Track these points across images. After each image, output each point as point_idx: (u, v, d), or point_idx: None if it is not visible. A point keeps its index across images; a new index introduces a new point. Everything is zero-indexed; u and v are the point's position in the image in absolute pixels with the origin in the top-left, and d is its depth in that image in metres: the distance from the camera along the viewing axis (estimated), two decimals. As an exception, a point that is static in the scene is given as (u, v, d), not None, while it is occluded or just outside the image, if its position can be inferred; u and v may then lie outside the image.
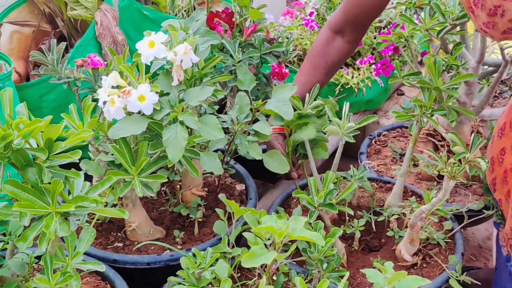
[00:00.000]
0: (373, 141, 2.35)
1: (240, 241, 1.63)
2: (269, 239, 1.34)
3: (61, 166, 1.18)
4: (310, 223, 1.43)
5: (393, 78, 1.90)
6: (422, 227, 1.69)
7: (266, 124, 1.70)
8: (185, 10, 2.63)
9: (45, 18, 2.47)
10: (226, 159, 1.83)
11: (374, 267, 1.60)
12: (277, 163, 1.73)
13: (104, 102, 1.39)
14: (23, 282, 1.36)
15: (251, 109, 1.70)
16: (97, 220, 1.67)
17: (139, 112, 1.39)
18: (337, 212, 1.54)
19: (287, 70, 2.07)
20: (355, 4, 1.80)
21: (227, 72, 1.95)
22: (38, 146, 1.17)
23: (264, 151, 1.71)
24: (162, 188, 1.87)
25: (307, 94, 1.77)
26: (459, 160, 1.41)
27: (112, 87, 1.42)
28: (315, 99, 1.75)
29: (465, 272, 1.60)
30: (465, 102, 2.04)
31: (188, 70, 1.50)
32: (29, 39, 2.44)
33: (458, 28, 1.89)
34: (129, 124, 1.37)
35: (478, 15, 1.33)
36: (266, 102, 1.66)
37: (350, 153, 2.43)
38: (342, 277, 1.35)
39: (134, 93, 1.36)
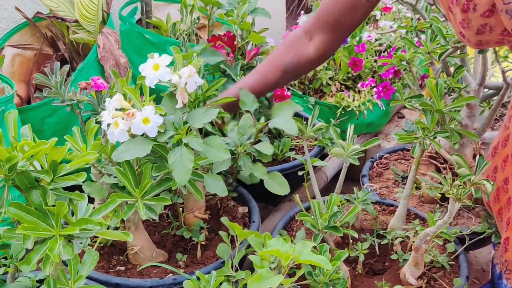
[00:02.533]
0: (374, 163, 2.34)
1: (243, 265, 1.62)
2: (273, 262, 1.33)
3: (64, 188, 1.18)
4: (315, 247, 1.42)
5: (395, 100, 1.91)
6: (426, 250, 1.68)
7: (268, 144, 1.70)
8: (186, 34, 2.64)
9: (47, 42, 2.48)
10: (229, 181, 1.82)
11: (379, 291, 1.59)
12: (277, 185, 1.73)
13: (108, 125, 1.39)
14: (25, 306, 1.35)
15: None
16: (99, 243, 1.66)
17: (143, 135, 1.39)
18: (342, 235, 1.53)
19: (289, 93, 2.08)
20: (328, 1, 1.71)
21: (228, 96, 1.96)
22: (42, 168, 1.16)
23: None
24: (164, 211, 1.86)
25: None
26: (464, 183, 1.41)
27: (116, 109, 1.42)
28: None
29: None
30: (467, 124, 2.05)
31: (192, 92, 1.50)
32: (31, 62, 2.45)
33: (458, 52, 1.91)
34: (133, 147, 1.36)
35: (455, 13, 1.33)
36: (269, 123, 1.66)
37: (352, 176, 2.42)
38: (347, 300, 1.34)
39: (139, 116, 1.36)
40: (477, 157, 1.44)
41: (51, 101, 1.98)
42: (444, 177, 1.42)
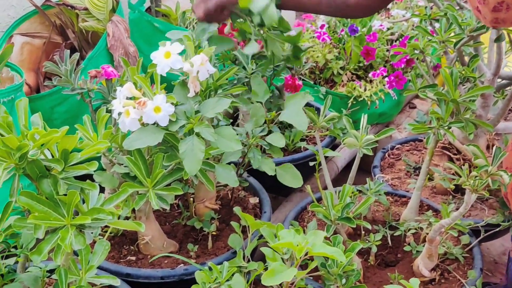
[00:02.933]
0: (386, 154, 2.32)
1: (254, 255, 1.61)
2: (286, 253, 1.32)
3: (75, 177, 1.16)
4: (328, 238, 1.40)
5: (408, 90, 1.88)
6: (440, 242, 1.66)
7: (279, 136, 1.68)
8: (196, 22, 2.62)
9: (56, 30, 2.46)
10: (240, 172, 1.80)
11: (391, 283, 1.57)
12: (290, 177, 1.71)
13: (119, 113, 1.37)
14: (35, 296, 1.34)
15: (265, 121, 1.68)
16: (110, 233, 1.64)
17: (154, 124, 1.37)
18: (355, 226, 1.50)
19: (300, 82, 2.05)
20: None
21: (240, 84, 1.93)
22: (53, 157, 1.15)
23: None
24: (174, 201, 1.85)
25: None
26: (481, 173, 1.38)
27: (127, 98, 1.40)
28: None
29: (486, 287, 1.56)
30: (481, 115, 2.02)
31: (203, 81, 1.48)
32: (40, 51, 2.43)
33: (472, 41, 1.88)
34: (145, 135, 1.34)
35: None
36: (280, 113, 1.64)
37: (363, 166, 2.39)
38: (362, 292, 1.32)
39: (150, 104, 1.34)
40: (494, 147, 1.42)
41: (60, 90, 1.97)
42: (461, 167, 1.40)
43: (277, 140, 1.66)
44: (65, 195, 1.09)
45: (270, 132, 1.74)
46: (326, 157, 1.84)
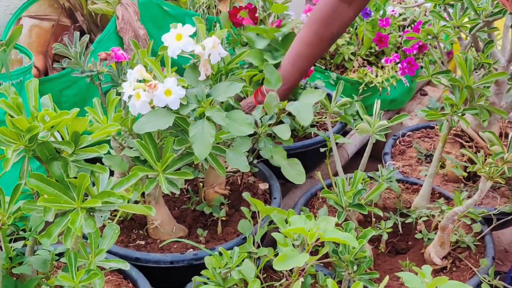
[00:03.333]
0: (397, 141, 2.29)
1: (264, 241, 1.59)
2: (296, 239, 1.30)
3: (85, 161, 1.15)
4: (339, 224, 1.39)
5: (421, 76, 1.85)
6: (452, 230, 1.64)
7: (286, 128, 1.66)
8: (205, 6, 2.59)
9: (64, 12, 2.44)
10: (249, 159, 1.79)
11: (402, 270, 1.56)
12: (294, 173, 1.70)
13: (129, 96, 1.36)
14: (44, 279, 1.33)
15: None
16: (119, 217, 1.63)
17: (165, 107, 1.36)
18: (366, 213, 1.49)
19: (312, 68, 2.02)
20: None
21: (251, 69, 1.91)
22: (63, 139, 1.13)
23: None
24: (184, 186, 1.83)
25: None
26: (496, 161, 1.36)
27: (138, 81, 1.39)
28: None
29: (498, 276, 1.54)
30: (495, 102, 1.99)
31: (214, 65, 1.46)
32: (49, 34, 2.41)
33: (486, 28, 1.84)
34: (155, 119, 1.33)
35: None
36: (290, 103, 1.62)
37: (373, 154, 2.37)
38: (373, 279, 1.31)
39: (161, 87, 1.32)
40: (510, 135, 1.39)
41: (69, 73, 1.95)
42: (475, 153, 1.38)
43: (283, 132, 1.64)
44: (75, 178, 1.08)
45: (281, 121, 1.72)
46: (336, 144, 1.82)
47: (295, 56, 1.83)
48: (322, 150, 1.77)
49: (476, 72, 1.93)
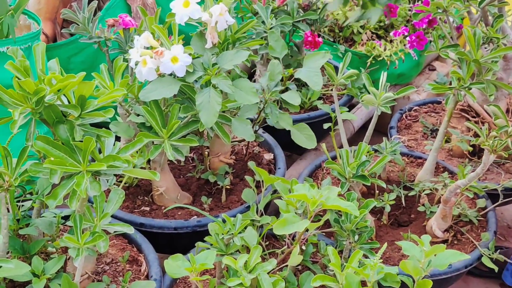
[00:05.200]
0: (403, 115, 2.29)
1: (267, 210, 1.61)
2: (299, 208, 1.32)
3: (91, 125, 1.16)
4: (342, 195, 1.40)
5: (429, 50, 1.84)
6: (455, 203, 1.65)
7: (295, 94, 1.66)
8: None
9: (73, -20, 2.43)
10: (255, 128, 1.79)
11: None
12: (304, 137, 1.69)
13: (136, 63, 1.36)
14: (50, 241, 1.35)
15: (282, 78, 1.66)
16: (125, 183, 1.65)
17: (171, 74, 1.36)
18: (369, 185, 1.50)
19: (320, 39, 2.02)
20: None
21: (258, 39, 1.91)
22: (69, 103, 1.14)
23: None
24: (189, 155, 1.85)
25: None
26: (500, 134, 1.36)
27: (144, 47, 1.39)
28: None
29: (498, 250, 1.56)
30: (502, 77, 1.98)
31: (221, 33, 1.46)
32: (57, 1, 2.40)
33: (497, 2, 1.83)
34: (161, 86, 1.34)
35: None
36: (297, 70, 1.61)
37: (379, 128, 2.37)
38: (373, 249, 1.32)
39: (167, 54, 1.33)
40: None
41: (77, 39, 1.95)
42: (480, 128, 1.38)
43: (293, 98, 1.64)
44: (81, 141, 1.09)
45: (287, 89, 1.72)
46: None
47: None
48: (325, 126, 1.78)
49: (485, 48, 1.92)
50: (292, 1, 2.01)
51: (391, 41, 2.53)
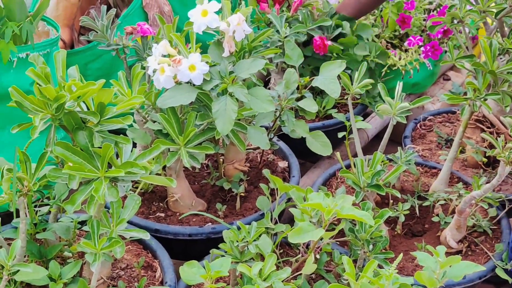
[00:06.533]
0: (418, 125, 2.29)
1: (281, 218, 1.61)
2: (314, 216, 1.32)
3: (109, 132, 1.17)
4: (357, 204, 1.40)
5: (444, 61, 1.85)
6: (469, 214, 1.65)
7: (312, 102, 1.67)
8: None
9: (91, -13, 2.46)
10: (270, 135, 1.80)
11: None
12: (319, 145, 1.70)
13: (154, 71, 1.38)
14: (67, 246, 1.37)
15: (298, 86, 1.67)
16: (140, 189, 1.66)
17: (188, 82, 1.38)
18: (384, 194, 1.50)
19: (329, 42, 2.03)
20: None
21: (273, 47, 1.92)
22: (89, 109, 1.16)
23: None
24: (204, 162, 1.86)
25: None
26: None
27: (162, 55, 1.41)
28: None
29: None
30: (518, 88, 1.97)
31: (238, 42, 1.47)
32: (75, 7, 2.43)
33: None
34: (179, 94, 1.35)
35: None
36: (314, 78, 1.62)
37: (393, 138, 2.37)
38: (388, 259, 1.32)
39: (185, 62, 1.34)
40: None
41: (95, 46, 1.97)
42: (496, 139, 1.38)
43: (310, 105, 1.65)
44: (100, 147, 1.11)
45: (302, 97, 1.73)
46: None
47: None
48: (340, 135, 1.78)
49: (501, 58, 1.91)
50: (305, 10, 2.03)
51: (406, 50, 2.53)
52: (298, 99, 1.67)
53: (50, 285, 1.21)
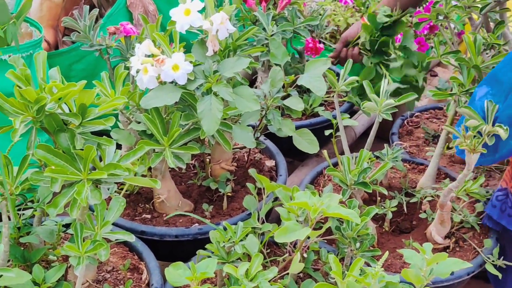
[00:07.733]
0: (405, 122, 2.29)
1: (269, 218, 1.61)
2: (300, 215, 1.31)
3: (92, 133, 1.16)
4: (343, 202, 1.39)
5: (430, 57, 1.85)
6: (456, 210, 1.65)
7: (298, 100, 1.66)
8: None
9: (75, -13, 2.44)
10: (257, 134, 1.79)
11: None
12: (306, 143, 1.70)
13: (137, 71, 1.36)
14: (51, 250, 1.35)
15: (283, 85, 1.66)
16: (126, 191, 1.65)
17: (172, 82, 1.36)
18: (371, 192, 1.50)
19: (321, 45, 2.02)
20: None
21: (259, 46, 1.91)
22: (70, 111, 1.14)
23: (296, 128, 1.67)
24: (190, 162, 1.84)
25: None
26: (478, 132, 1.37)
27: (146, 55, 1.39)
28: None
29: (502, 257, 1.55)
30: (504, 83, 1.98)
31: (222, 41, 1.46)
32: (59, 8, 2.41)
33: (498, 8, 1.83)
34: (162, 94, 1.34)
35: None
36: (299, 77, 1.62)
37: (380, 134, 2.37)
38: (375, 257, 1.32)
39: (168, 62, 1.33)
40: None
41: (79, 47, 1.95)
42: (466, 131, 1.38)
43: (295, 104, 1.64)
44: (82, 149, 1.09)
45: (288, 95, 1.72)
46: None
47: None
48: (327, 133, 1.77)
49: (487, 53, 1.92)
50: (292, 8, 2.02)
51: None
52: (284, 98, 1.66)
53: (34, 290, 1.20)
